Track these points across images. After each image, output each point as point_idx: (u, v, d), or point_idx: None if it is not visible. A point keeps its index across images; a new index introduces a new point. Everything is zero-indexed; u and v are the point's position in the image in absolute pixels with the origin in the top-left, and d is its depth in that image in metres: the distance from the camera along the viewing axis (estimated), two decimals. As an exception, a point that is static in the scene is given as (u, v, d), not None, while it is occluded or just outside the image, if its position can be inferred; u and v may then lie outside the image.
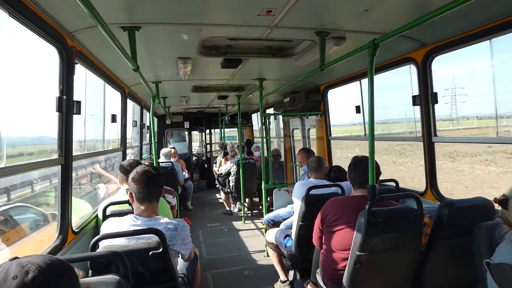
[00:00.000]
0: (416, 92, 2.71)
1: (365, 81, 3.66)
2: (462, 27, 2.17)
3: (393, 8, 1.92)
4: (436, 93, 2.63)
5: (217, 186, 7.41)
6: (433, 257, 1.90)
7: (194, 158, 9.63)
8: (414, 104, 2.75)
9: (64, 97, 1.98)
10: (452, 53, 2.47)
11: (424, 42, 2.50)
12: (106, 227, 1.84)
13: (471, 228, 1.67)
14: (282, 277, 3.27)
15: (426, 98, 2.65)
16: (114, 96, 3.84)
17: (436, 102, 2.64)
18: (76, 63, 2.12)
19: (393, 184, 2.78)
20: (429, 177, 2.69)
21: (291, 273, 3.05)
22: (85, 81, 2.85)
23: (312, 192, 2.59)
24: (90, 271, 1.50)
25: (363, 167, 1.98)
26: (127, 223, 1.78)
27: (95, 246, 1.61)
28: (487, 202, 1.91)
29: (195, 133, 10.17)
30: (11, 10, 1.44)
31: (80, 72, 2.33)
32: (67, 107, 2.00)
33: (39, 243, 2.47)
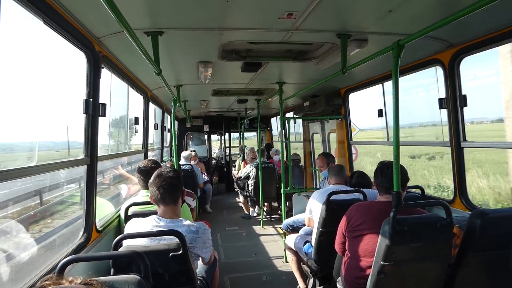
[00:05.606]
0: (443, 95, 2.60)
1: (387, 84, 3.55)
2: (493, 25, 2.05)
3: (418, 8, 1.84)
4: (465, 96, 2.49)
5: (236, 189, 7.42)
6: (464, 270, 1.78)
7: (213, 161, 9.74)
8: (441, 107, 2.63)
9: (91, 99, 2.06)
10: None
11: (451, 42, 2.39)
12: (130, 227, 1.89)
13: (508, 240, 1.56)
14: (301, 284, 3.20)
15: (454, 101, 2.52)
16: (136, 100, 3.95)
17: (465, 105, 2.50)
18: (102, 67, 2.21)
19: (418, 191, 2.66)
20: (458, 184, 2.54)
21: (311, 280, 2.98)
22: (110, 85, 2.95)
23: (333, 197, 2.52)
24: (112, 269, 1.53)
25: (390, 172, 1.90)
26: (150, 223, 1.81)
27: (118, 245, 1.64)
28: None
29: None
30: (46, 18, 1.53)
31: (105, 76, 2.42)
32: (93, 109, 2.08)
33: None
